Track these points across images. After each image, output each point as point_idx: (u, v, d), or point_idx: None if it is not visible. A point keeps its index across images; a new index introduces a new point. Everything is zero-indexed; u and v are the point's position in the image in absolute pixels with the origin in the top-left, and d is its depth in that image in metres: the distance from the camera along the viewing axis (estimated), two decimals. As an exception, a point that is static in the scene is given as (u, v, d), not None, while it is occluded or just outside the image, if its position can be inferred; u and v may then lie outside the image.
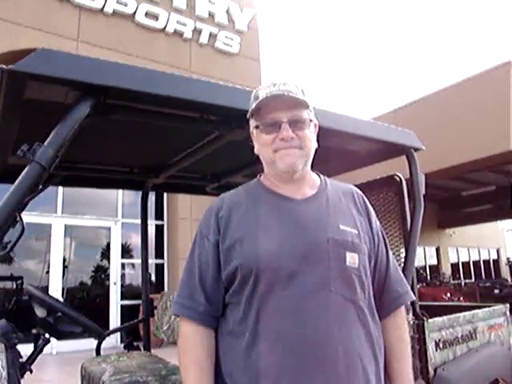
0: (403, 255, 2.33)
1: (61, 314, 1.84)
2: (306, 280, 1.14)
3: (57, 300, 1.94)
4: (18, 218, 2.50)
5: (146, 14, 9.74)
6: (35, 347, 1.83)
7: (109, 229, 9.25)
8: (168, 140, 2.35)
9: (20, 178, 1.29)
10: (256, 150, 1.32)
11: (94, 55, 1.62)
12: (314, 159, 1.32)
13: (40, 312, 1.84)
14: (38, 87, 1.37)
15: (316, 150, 1.31)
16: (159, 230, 10.13)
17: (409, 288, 1.37)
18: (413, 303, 2.21)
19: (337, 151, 2.34)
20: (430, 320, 2.28)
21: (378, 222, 1.37)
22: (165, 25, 9.98)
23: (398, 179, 2.52)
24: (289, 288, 1.13)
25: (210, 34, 10.62)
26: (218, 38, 10.72)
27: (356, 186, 1.45)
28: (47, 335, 1.85)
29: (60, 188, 8.49)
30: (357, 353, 1.13)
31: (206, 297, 1.22)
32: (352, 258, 1.18)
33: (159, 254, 10.04)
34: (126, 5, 9.44)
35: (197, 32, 10.48)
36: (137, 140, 2.36)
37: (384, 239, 1.36)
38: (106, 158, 2.69)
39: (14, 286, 8.39)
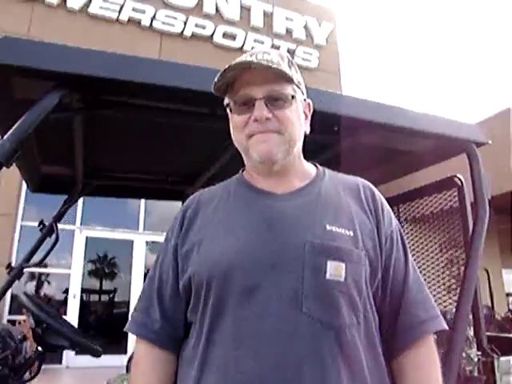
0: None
1: (46, 326, 1.74)
2: (270, 296, 0.86)
3: (48, 312, 1.83)
4: (54, 229, 2.50)
5: (224, 35, 9.94)
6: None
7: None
8: (206, 146, 2.13)
9: None
10: (232, 137, 1.04)
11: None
12: (355, 164, 0.98)
13: (31, 322, 1.79)
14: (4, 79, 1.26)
15: (356, 152, 0.98)
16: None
17: (437, 312, 0.99)
18: (478, 334, 1.69)
19: (381, 152, 1.97)
20: (501, 358, 1.75)
21: (394, 223, 1.04)
22: (242, 44, 10.09)
23: (458, 182, 2.03)
24: (247, 306, 0.86)
25: (288, 51, 10.53)
26: (296, 54, 10.61)
27: (406, 192, 1.08)
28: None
29: (142, 205, 8.79)
30: None
31: (163, 313, 0.99)
32: (336, 269, 0.87)
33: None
34: (204, 27, 9.73)
35: (274, 49, 10.44)
36: (174, 146, 2.18)
37: (403, 245, 1.02)
38: (143, 166, 2.53)
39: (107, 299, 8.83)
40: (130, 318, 1.04)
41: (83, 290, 8.18)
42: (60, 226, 2.49)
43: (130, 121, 1.80)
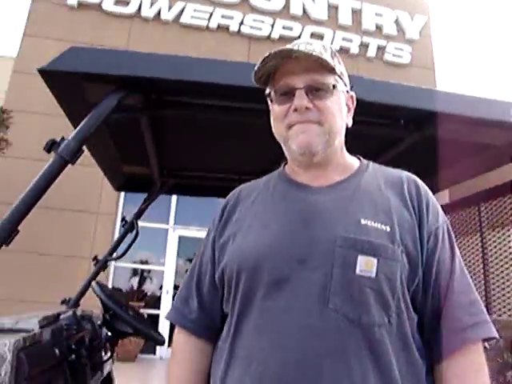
0: None
1: (113, 313, 1.88)
2: (298, 290, 0.84)
3: (117, 301, 1.96)
4: (134, 224, 2.65)
5: (312, 35, 9.87)
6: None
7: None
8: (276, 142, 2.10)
9: (43, 169, 1.30)
10: (273, 129, 1.03)
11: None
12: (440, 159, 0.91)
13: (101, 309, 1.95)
14: (75, 86, 1.38)
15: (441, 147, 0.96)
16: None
17: (485, 318, 0.88)
18: None
19: (466, 146, 1.79)
20: None
21: (441, 219, 0.96)
22: (330, 43, 9.94)
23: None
24: (273, 299, 0.85)
25: (378, 47, 10.19)
26: (386, 51, 10.20)
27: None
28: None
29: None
30: None
31: (201, 304, 1.02)
32: (366, 264, 0.83)
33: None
34: (291, 29, 9.77)
35: (364, 47, 10.17)
36: (245, 144, 2.17)
37: (450, 243, 0.94)
38: (216, 164, 2.56)
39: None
40: (170, 307, 1.07)
41: (176, 287, 8.57)
42: (154, 225, 2.65)
43: (199, 120, 1.83)
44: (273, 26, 9.69)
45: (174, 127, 1.91)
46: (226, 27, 9.55)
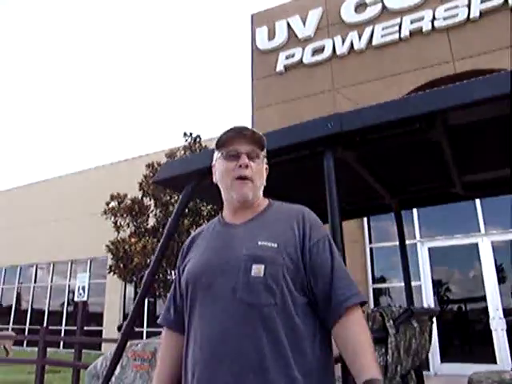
0: None
1: None
2: (220, 289, 1.34)
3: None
4: None
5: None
6: None
7: None
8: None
9: None
10: (215, 179, 1.55)
11: None
12: None
13: None
14: None
15: None
16: None
17: (358, 290, 1.35)
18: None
19: None
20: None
21: (321, 234, 1.42)
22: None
23: None
24: (207, 296, 1.36)
25: None
26: None
27: None
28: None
29: (478, 205, 8.46)
30: (255, 350, 1.24)
31: (175, 309, 1.55)
32: (257, 269, 1.31)
33: None
34: (492, -1, 8.78)
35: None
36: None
37: (330, 248, 1.41)
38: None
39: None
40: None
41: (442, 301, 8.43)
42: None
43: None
44: (469, 5, 8.94)
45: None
46: (418, 30, 9.36)
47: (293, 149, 2.00)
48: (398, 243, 3.36)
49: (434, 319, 3.28)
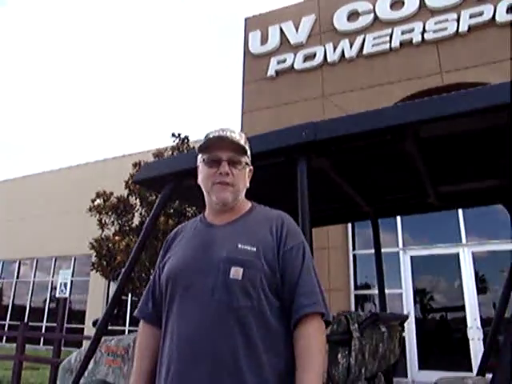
0: None
1: None
2: (199, 289, 1.36)
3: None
4: None
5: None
6: None
7: None
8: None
9: None
10: (198, 181, 1.56)
11: None
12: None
13: None
14: None
15: None
16: None
17: (318, 300, 1.36)
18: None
19: None
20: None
21: (297, 241, 1.44)
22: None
23: None
24: (186, 295, 1.38)
25: None
26: None
27: None
28: None
29: (460, 216, 8.59)
30: (230, 351, 1.27)
31: (153, 303, 1.56)
32: (236, 272, 1.34)
33: None
34: (481, 14, 8.95)
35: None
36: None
37: (303, 255, 1.43)
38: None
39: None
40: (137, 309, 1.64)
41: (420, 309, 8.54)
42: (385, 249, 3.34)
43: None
44: (458, 19, 9.10)
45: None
46: (409, 41, 9.50)
47: (269, 155, 2.04)
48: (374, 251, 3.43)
49: (408, 325, 3.35)
